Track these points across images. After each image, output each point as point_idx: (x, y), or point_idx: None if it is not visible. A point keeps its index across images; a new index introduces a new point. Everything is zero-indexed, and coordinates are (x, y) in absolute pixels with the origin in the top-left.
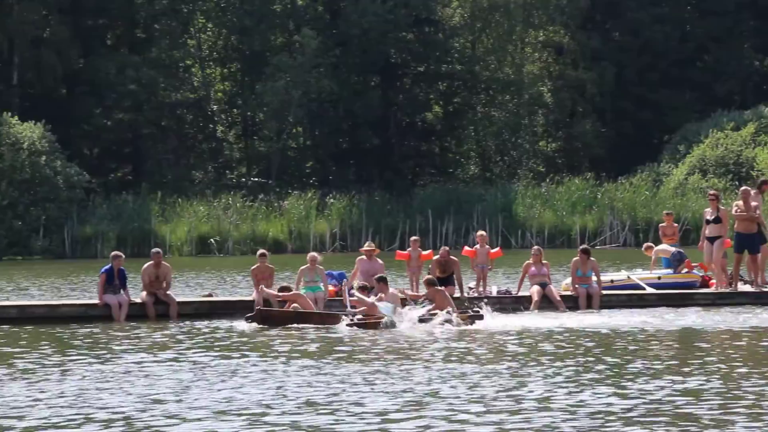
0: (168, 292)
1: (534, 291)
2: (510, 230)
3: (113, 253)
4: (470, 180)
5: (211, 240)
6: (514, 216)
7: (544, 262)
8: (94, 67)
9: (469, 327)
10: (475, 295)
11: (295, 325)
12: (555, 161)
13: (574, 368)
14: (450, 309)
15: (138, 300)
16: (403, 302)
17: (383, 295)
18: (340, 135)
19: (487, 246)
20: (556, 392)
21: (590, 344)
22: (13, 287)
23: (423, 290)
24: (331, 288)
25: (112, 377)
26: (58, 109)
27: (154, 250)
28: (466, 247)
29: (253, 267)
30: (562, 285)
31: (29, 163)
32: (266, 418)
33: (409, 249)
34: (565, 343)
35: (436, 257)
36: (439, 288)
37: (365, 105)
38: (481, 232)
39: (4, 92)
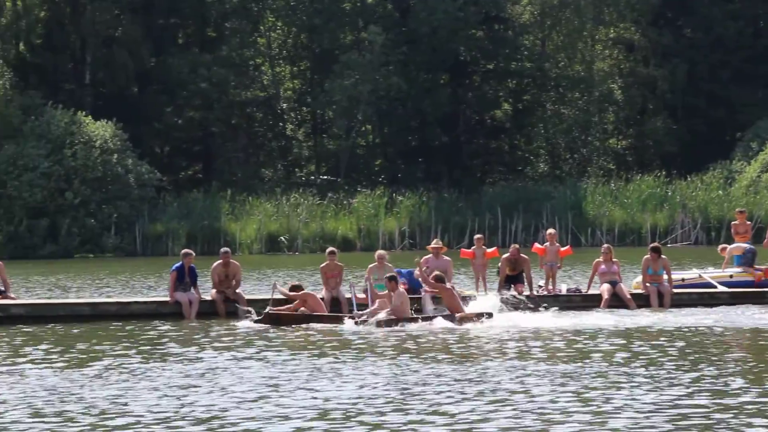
0: (237, 290)
1: (604, 289)
2: (580, 228)
3: (184, 251)
4: (539, 178)
5: (281, 238)
6: (584, 214)
7: (614, 260)
8: (165, 66)
9: (479, 325)
10: (545, 293)
11: (304, 325)
12: (625, 159)
13: (666, 368)
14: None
15: (208, 297)
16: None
17: (392, 294)
18: (409, 133)
19: (557, 244)
20: (660, 393)
21: (676, 343)
22: (88, 284)
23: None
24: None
25: (197, 375)
26: (130, 108)
27: (222, 249)
28: (536, 245)
29: (322, 265)
30: (632, 283)
31: (101, 161)
32: (361, 417)
33: (474, 247)
34: (647, 342)
35: (505, 255)
36: (447, 285)
37: (434, 103)
38: (550, 230)
39: (76, 91)
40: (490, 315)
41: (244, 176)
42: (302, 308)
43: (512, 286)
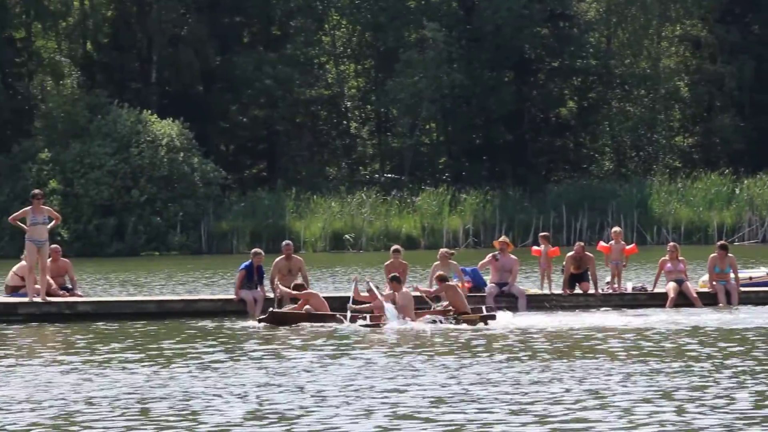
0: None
1: (670, 288)
2: (645, 226)
3: (254, 250)
4: (605, 176)
5: (345, 236)
6: (650, 212)
7: (680, 258)
8: (230, 65)
9: (482, 326)
10: (610, 291)
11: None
12: (691, 156)
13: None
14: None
15: (271, 295)
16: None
17: (396, 294)
18: (473, 131)
19: (622, 242)
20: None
21: (746, 342)
22: (155, 282)
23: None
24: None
25: (277, 373)
26: (195, 107)
27: (284, 242)
28: (602, 243)
29: (386, 263)
30: (699, 282)
31: (167, 159)
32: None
33: (542, 246)
34: (719, 341)
35: (570, 254)
36: (451, 284)
37: (499, 100)
38: (615, 228)
39: (142, 90)
40: (493, 317)
41: (308, 174)
42: (306, 307)
43: (577, 284)
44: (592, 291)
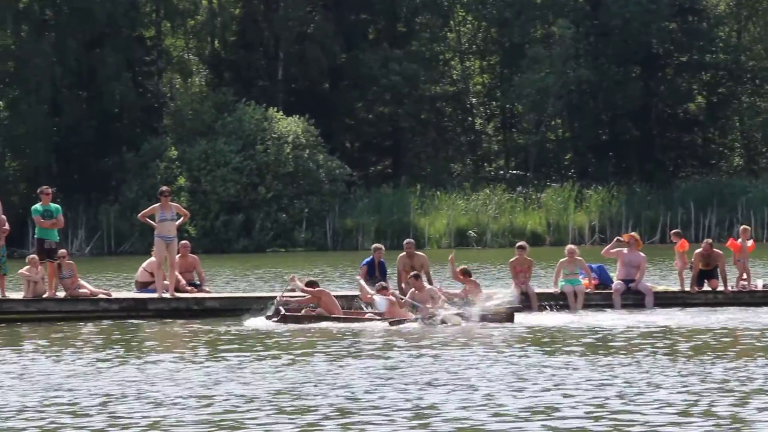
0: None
1: None
2: None
3: (374, 245)
4: (734, 172)
5: (470, 232)
6: None
7: None
8: (356, 62)
9: (507, 323)
10: (738, 288)
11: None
12: None
13: None
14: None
15: (397, 292)
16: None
17: (417, 291)
18: (599, 126)
19: (750, 240)
20: None
21: None
22: (279, 278)
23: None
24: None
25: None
26: (321, 104)
27: (406, 240)
28: (732, 240)
29: (511, 259)
30: None
31: (293, 156)
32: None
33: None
34: None
35: (698, 250)
36: (473, 279)
37: (625, 96)
38: (744, 226)
39: (269, 87)
40: (519, 309)
41: (433, 171)
42: (320, 309)
43: (705, 281)
44: (721, 288)
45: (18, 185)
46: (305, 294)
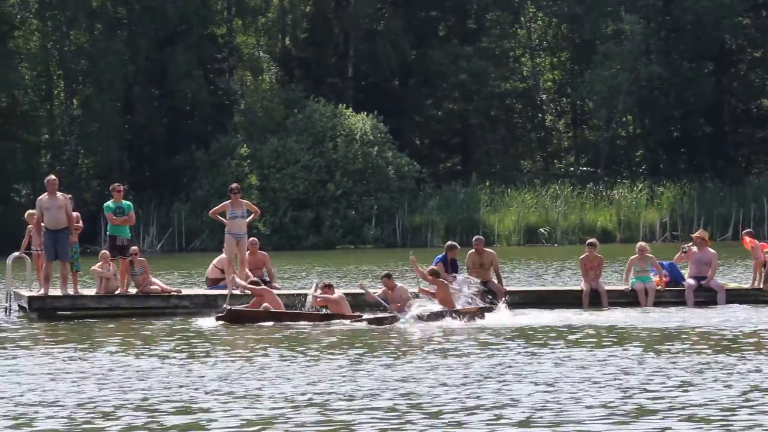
0: (494, 280)
1: None
2: None
3: (448, 243)
4: None
5: (540, 229)
6: None
7: None
8: (426, 59)
9: (480, 320)
10: None
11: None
12: None
13: None
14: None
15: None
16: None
17: (390, 291)
18: (671, 123)
19: None
20: None
21: None
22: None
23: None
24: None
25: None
26: (390, 101)
27: (475, 237)
28: None
29: (581, 256)
30: None
31: (362, 153)
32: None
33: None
34: None
35: None
36: (441, 280)
37: (698, 92)
38: None
39: (339, 85)
40: (489, 309)
41: (502, 168)
42: (265, 304)
43: None
44: None
45: (90, 182)
46: (252, 293)
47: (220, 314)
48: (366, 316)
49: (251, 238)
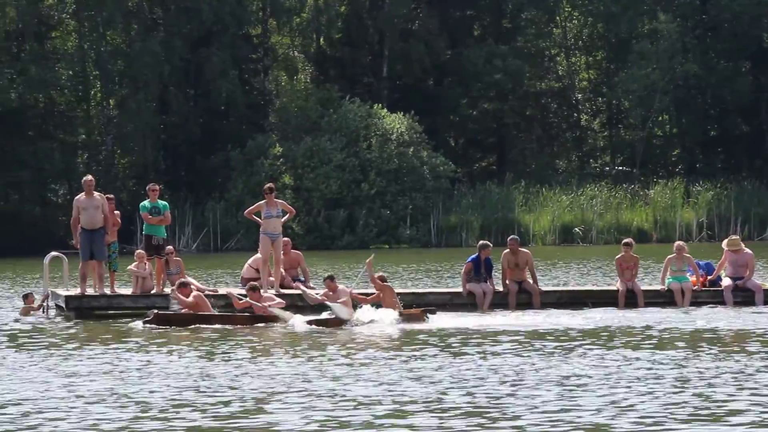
0: (530, 281)
1: None
2: None
3: (481, 242)
4: None
5: (575, 229)
6: None
7: None
8: (460, 58)
9: (424, 324)
10: None
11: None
12: None
13: None
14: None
15: (500, 288)
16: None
17: (332, 293)
18: (707, 122)
19: None
20: None
21: None
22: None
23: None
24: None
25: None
26: (425, 100)
27: (510, 237)
28: None
29: (617, 256)
30: None
31: (397, 153)
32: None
33: None
34: None
35: None
36: (388, 285)
37: (735, 91)
38: None
39: (374, 84)
40: (434, 311)
41: (538, 167)
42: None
43: None
44: None
45: (126, 182)
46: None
47: (147, 318)
48: (299, 317)
49: (284, 238)
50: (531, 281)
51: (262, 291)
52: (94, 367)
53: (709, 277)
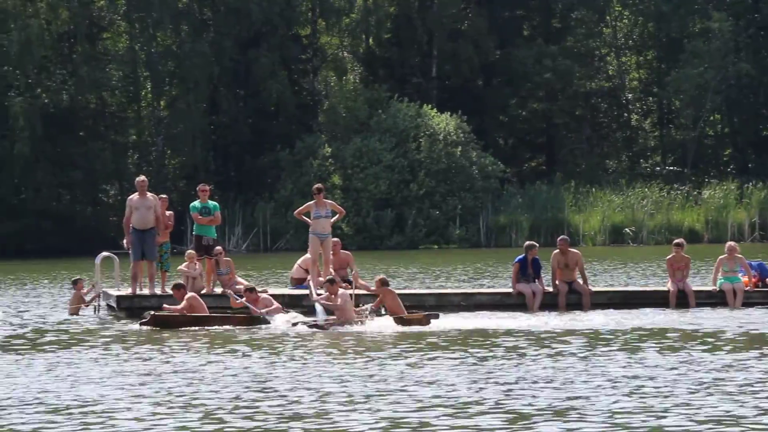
0: (580, 281)
1: None
2: None
3: (527, 243)
4: None
5: (626, 229)
6: None
7: None
8: (509, 58)
9: (425, 327)
10: None
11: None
12: None
13: None
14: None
15: (550, 289)
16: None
17: (333, 295)
18: (760, 122)
19: None
20: None
21: None
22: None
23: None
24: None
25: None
26: (474, 100)
27: (560, 237)
28: None
29: (668, 257)
30: None
31: (445, 153)
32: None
33: None
34: None
35: None
36: (391, 289)
37: None
38: None
39: (423, 84)
40: (436, 315)
41: (587, 167)
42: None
43: None
44: None
45: (177, 183)
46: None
47: (143, 320)
48: (300, 317)
49: (333, 239)
50: (581, 282)
51: (268, 292)
52: (163, 368)
53: (763, 278)
